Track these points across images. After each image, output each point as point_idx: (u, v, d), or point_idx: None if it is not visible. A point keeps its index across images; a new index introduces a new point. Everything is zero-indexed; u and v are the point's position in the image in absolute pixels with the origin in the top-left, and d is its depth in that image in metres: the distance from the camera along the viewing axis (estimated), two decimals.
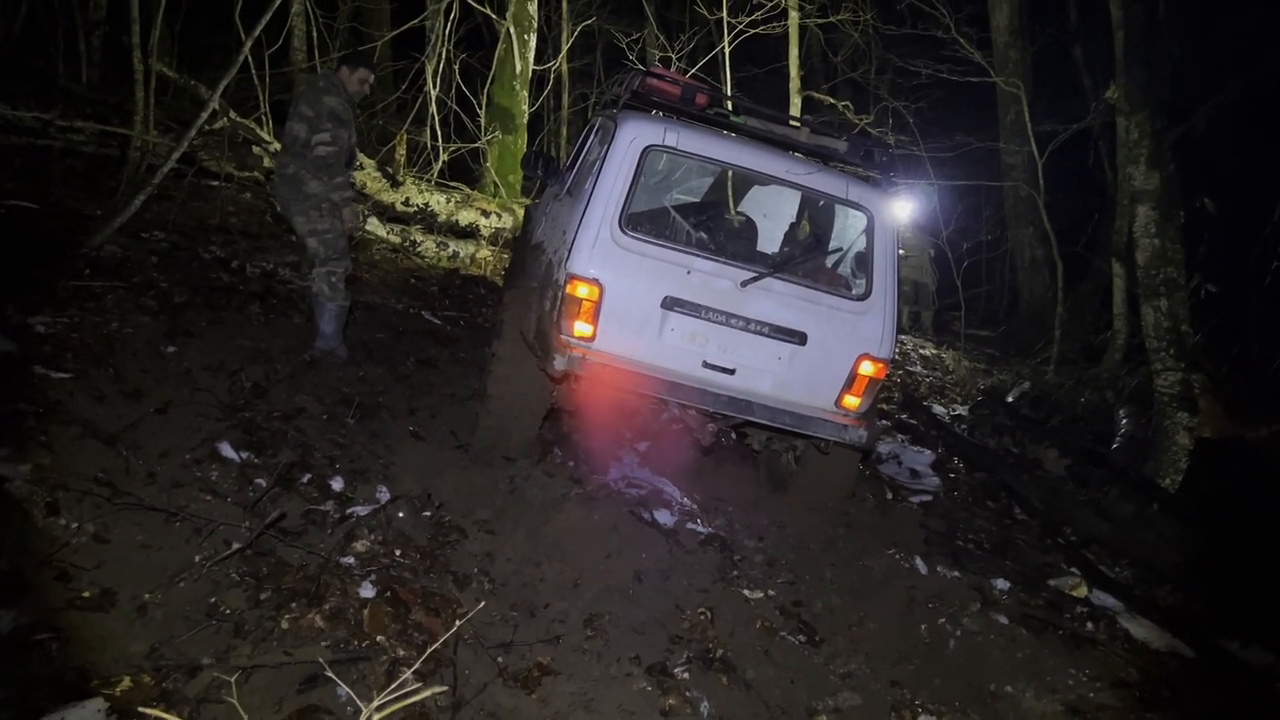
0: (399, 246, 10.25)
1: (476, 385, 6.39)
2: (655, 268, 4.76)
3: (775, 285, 4.92)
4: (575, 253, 4.69)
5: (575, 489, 4.90)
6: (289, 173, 5.78)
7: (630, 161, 4.79)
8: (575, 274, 4.66)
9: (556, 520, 4.46)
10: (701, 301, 4.81)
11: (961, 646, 4.22)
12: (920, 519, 5.87)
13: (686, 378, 4.83)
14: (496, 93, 14.00)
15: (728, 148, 5.13)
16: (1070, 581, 5.25)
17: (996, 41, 13.88)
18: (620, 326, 4.76)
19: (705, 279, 4.82)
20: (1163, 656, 4.58)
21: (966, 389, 10.38)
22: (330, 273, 5.93)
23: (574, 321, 4.70)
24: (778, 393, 4.99)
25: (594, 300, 4.67)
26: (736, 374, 4.94)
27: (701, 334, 4.86)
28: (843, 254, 5.64)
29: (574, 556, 4.19)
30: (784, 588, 4.60)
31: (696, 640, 3.88)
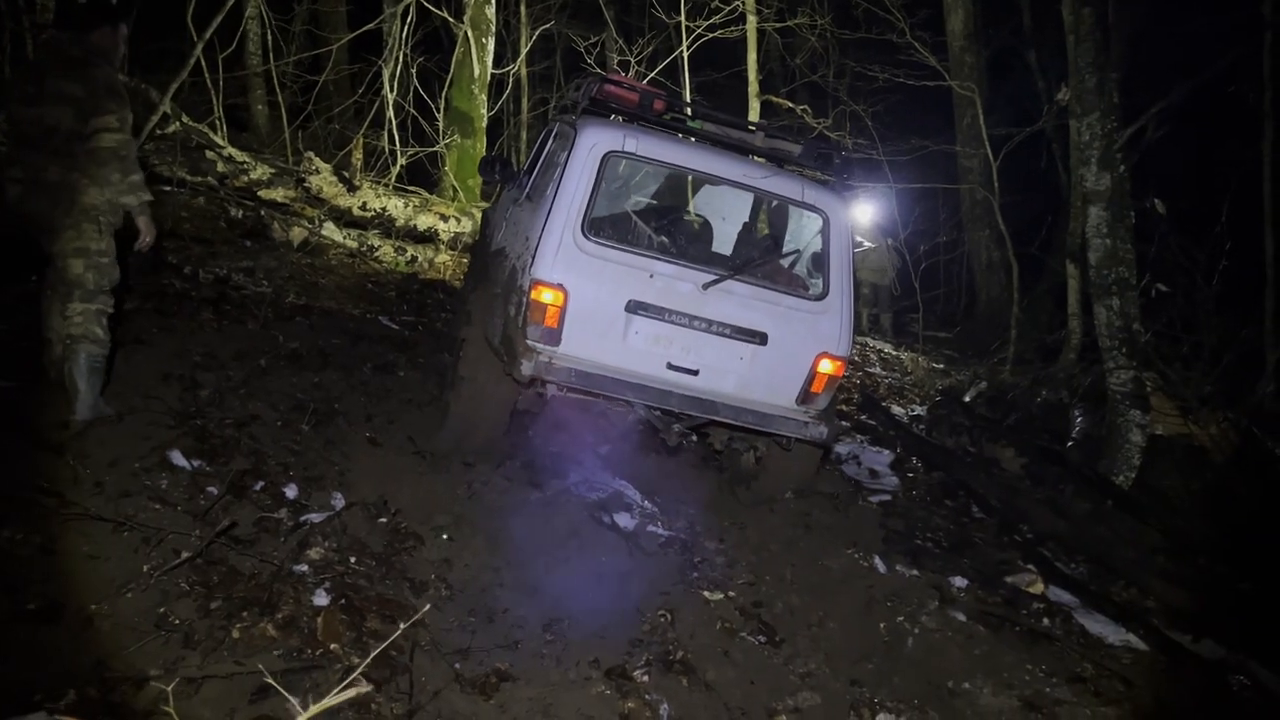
0: (356, 251, 10.15)
1: (435, 390, 6.35)
2: (618, 272, 4.83)
3: (736, 287, 5.01)
4: (539, 258, 4.74)
5: (535, 493, 4.89)
6: (50, 178, 4.16)
7: (591, 167, 4.85)
8: (539, 279, 4.72)
9: (515, 525, 4.44)
10: (664, 304, 4.89)
11: (920, 644, 4.24)
12: (879, 518, 5.91)
13: (651, 380, 4.91)
14: (455, 96, 13.92)
15: (686, 152, 5.23)
16: (1027, 578, 5.31)
17: (952, 46, 14.04)
18: (585, 331, 4.82)
19: (667, 282, 4.90)
20: (1117, 651, 4.63)
21: (925, 389, 10.47)
22: (102, 311, 4.35)
23: (539, 326, 4.75)
24: (740, 392, 5.09)
25: (558, 305, 4.73)
26: (700, 375, 5.02)
27: (665, 336, 4.94)
28: (800, 255, 5.73)
29: (533, 561, 4.17)
30: (744, 588, 4.61)
31: (656, 643, 3.87)
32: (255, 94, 15.63)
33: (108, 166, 4.19)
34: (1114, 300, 7.30)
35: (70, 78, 4.16)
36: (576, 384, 4.76)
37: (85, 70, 4.18)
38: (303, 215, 10.29)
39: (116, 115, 4.20)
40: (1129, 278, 7.38)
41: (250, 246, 9.07)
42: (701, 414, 5.02)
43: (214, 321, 6.27)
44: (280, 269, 8.57)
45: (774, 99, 13.78)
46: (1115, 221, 7.30)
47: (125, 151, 4.25)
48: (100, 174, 4.19)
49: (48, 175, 4.16)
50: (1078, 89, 7.42)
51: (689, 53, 13.35)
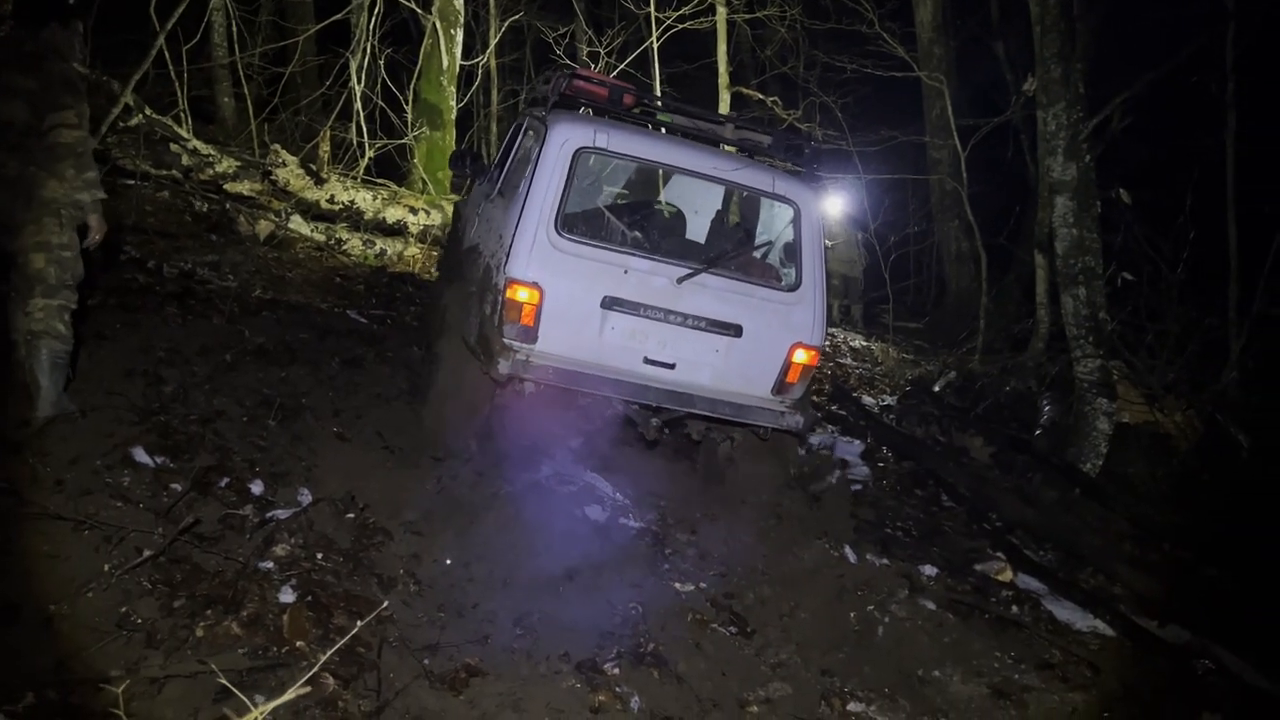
0: (324, 245, 10.05)
1: (404, 384, 6.30)
2: (593, 269, 4.87)
3: (710, 280, 5.06)
4: (514, 257, 4.76)
5: (505, 487, 4.85)
6: (8, 174, 4.08)
7: (563, 164, 4.87)
8: (515, 278, 4.74)
9: (486, 520, 4.41)
10: (640, 299, 4.94)
11: (890, 633, 4.26)
12: (850, 508, 5.93)
13: (629, 374, 4.97)
14: (423, 88, 13.82)
15: (657, 146, 5.27)
16: (996, 566, 5.35)
17: (921, 37, 14.09)
18: (561, 328, 4.85)
19: (642, 277, 4.95)
20: (1084, 637, 4.68)
21: (895, 380, 10.53)
22: (64, 307, 4.22)
23: (515, 325, 4.77)
24: (717, 384, 5.15)
25: (534, 303, 4.76)
26: (677, 368, 5.08)
27: (641, 331, 4.99)
28: (772, 246, 5.76)
29: (503, 555, 4.15)
30: (716, 580, 4.61)
31: (628, 635, 3.86)
32: (221, 86, 15.44)
33: (63, 162, 4.12)
34: (1080, 289, 7.37)
35: (25, 73, 4.10)
36: (554, 381, 4.81)
37: (40, 65, 4.13)
38: (269, 209, 10.18)
39: (74, 110, 4.14)
40: (1095, 267, 7.45)
41: (216, 240, 8.96)
42: (679, 407, 5.08)
43: (178, 317, 6.19)
44: (246, 263, 8.47)
45: (744, 90, 13.78)
46: (1081, 211, 7.37)
47: (82, 148, 4.19)
48: (57, 169, 4.12)
49: (6, 170, 4.08)
50: (1044, 79, 7.48)
51: (659, 44, 13.32)
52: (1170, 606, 5.14)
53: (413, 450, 5.17)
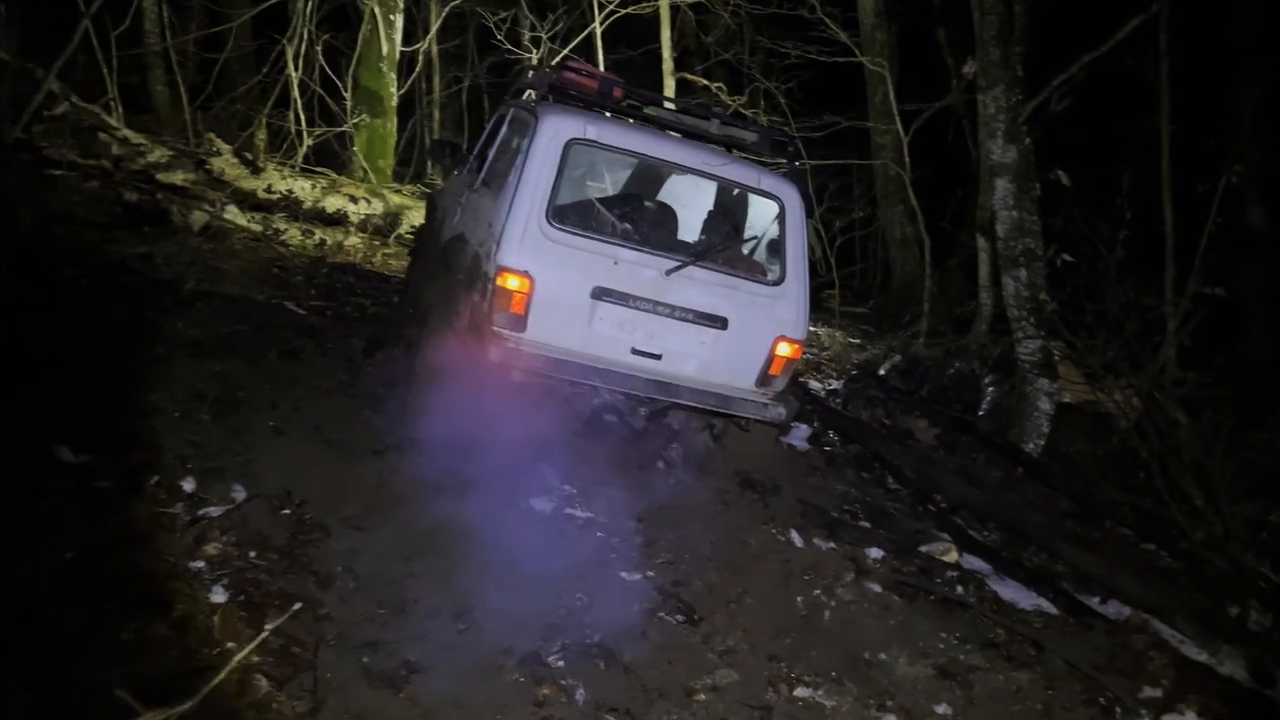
0: (261, 235, 9.82)
1: (344, 377, 6.17)
2: (583, 259, 4.94)
3: (697, 273, 5.15)
4: (504, 246, 4.80)
5: (448, 479, 4.76)
6: None
7: (554, 155, 4.92)
8: (505, 267, 4.77)
9: (428, 512, 4.33)
10: (629, 291, 5.00)
11: (837, 617, 4.26)
12: (798, 492, 5.92)
13: (616, 365, 5.04)
14: (363, 75, 13.60)
15: (646, 140, 5.34)
16: (941, 547, 5.38)
17: (864, 23, 14.12)
18: (551, 317, 4.90)
19: (631, 269, 5.01)
20: (1028, 615, 4.72)
21: (842, 364, 10.58)
22: None
23: (505, 313, 4.81)
24: (702, 375, 5.26)
25: (525, 292, 4.80)
26: (663, 359, 5.17)
27: (630, 322, 5.06)
28: (758, 242, 5.82)
29: (446, 549, 4.07)
30: (663, 568, 4.58)
31: (573, 627, 3.81)
32: (154, 74, 15.05)
33: None
34: (1021, 271, 7.45)
35: None
36: (544, 370, 4.87)
37: None
38: (204, 199, 9.93)
39: None
40: (1035, 249, 7.52)
41: (148, 232, 8.70)
42: (665, 397, 5.20)
43: (108, 310, 5.99)
44: (180, 254, 8.24)
45: (689, 76, 13.73)
46: (1021, 193, 7.43)
47: None
48: None
49: None
50: (983, 62, 7.52)
51: (603, 29, 13.21)
52: (1112, 582, 5.20)
53: (353, 443, 5.05)
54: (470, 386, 5.11)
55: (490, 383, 5.03)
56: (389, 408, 5.55)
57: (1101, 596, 5.06)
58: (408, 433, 5.06)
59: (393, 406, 5.51)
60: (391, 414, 5.46)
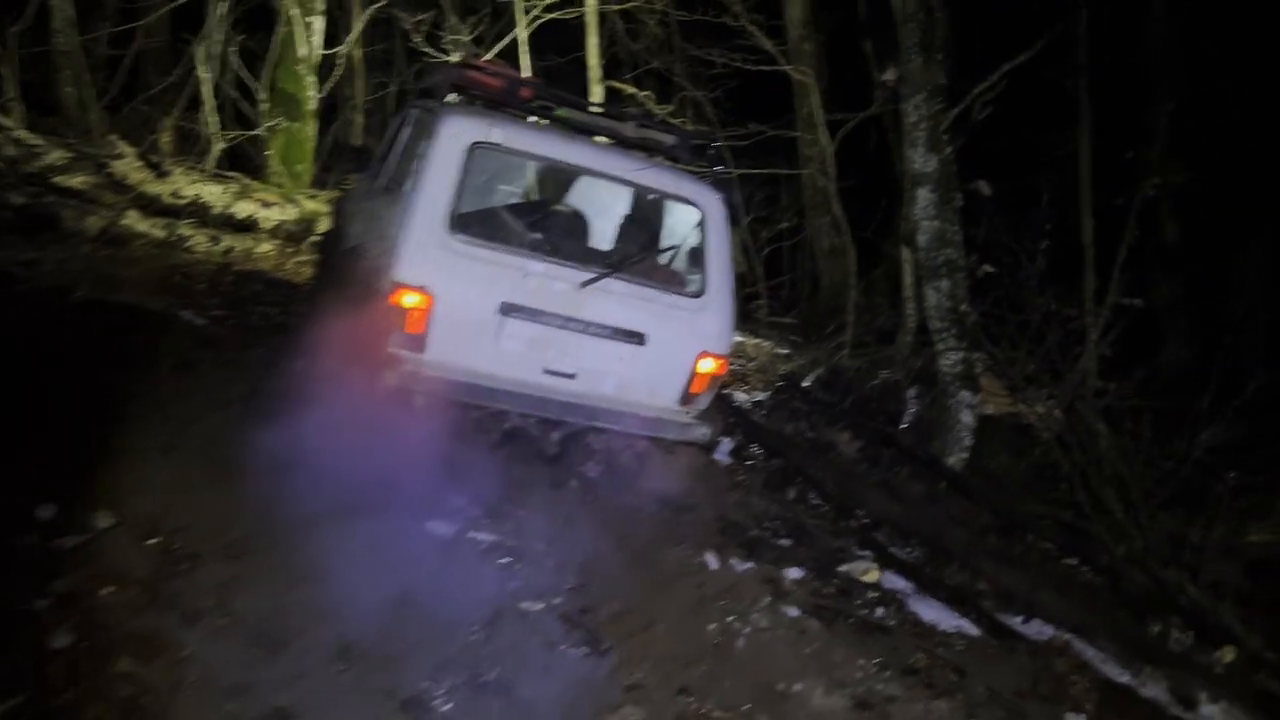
0: (164, 241, 9.36)
1: (244, 390, 5.81)
2: (489, 272, 4.59)
3: (613, 285, 4.84)
4: (400, 259, 4.44)
5: (341, 502, 4.45)
6: None
7: (455, 159, 4.57)
8: (402, 281, 4.42)
9: (316, 539, 4.01)
10: (539, 306, 4.68)
11: (751, 644, 4.06)
12: (716, 509, 5.73)
13: (527, 386, 4.73)
14: (281, 78, 13.15)
15: (557, 143, 5.02)
16: (861, 566, 5.22)
17: (791, 34, 14.07)
18: (454, 336, 4.55)
19: (542, 282, 4.68)
20: (949, 638, 4.58)
21: (768, 375, 10.44)
22: None
23: (403, 333, 4.46)
24: (620, 395, 4.96)
25: (423, 309, 4.45)
26: (578, 378, 4.86)
27: (541, 339, 4.74)
28: (677, 251, 5.57)
29: (332, 579, 3.76)
30: (570, 594, 4.33)
31: (467, 663, 3.55)
32: (64, 74, 14.38)
33: None
34: (943, 282, 7.38)
35: None
36: (446, 394, 4.53)
37: None
38: (102, 203, 9.43)
39: None
40: (957, 259, 7.46)
41: (39, 238, 8.22)
42: (581, 420, 4.92)
43: None
44: (72, 261, 7.79)
45: (616, 84, 13.55)
46: (942, 203, 7.37)
47: None
48: None
49: None
50: (905, 70, 7.46)
51: (528, 34, 12.95)
52: (1033, 601, 5.11)
53: (243, 463, 4.69)
54: (369, 407, 4.83)
55: (390, 405, 4.75)
56: (285, 426, 5.22)
57: (1024, 615, 4.96)
58: (302, 453, 4.73)
59: (289, 424, 5.18)
60: (287, 432, 5.13)
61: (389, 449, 5.02)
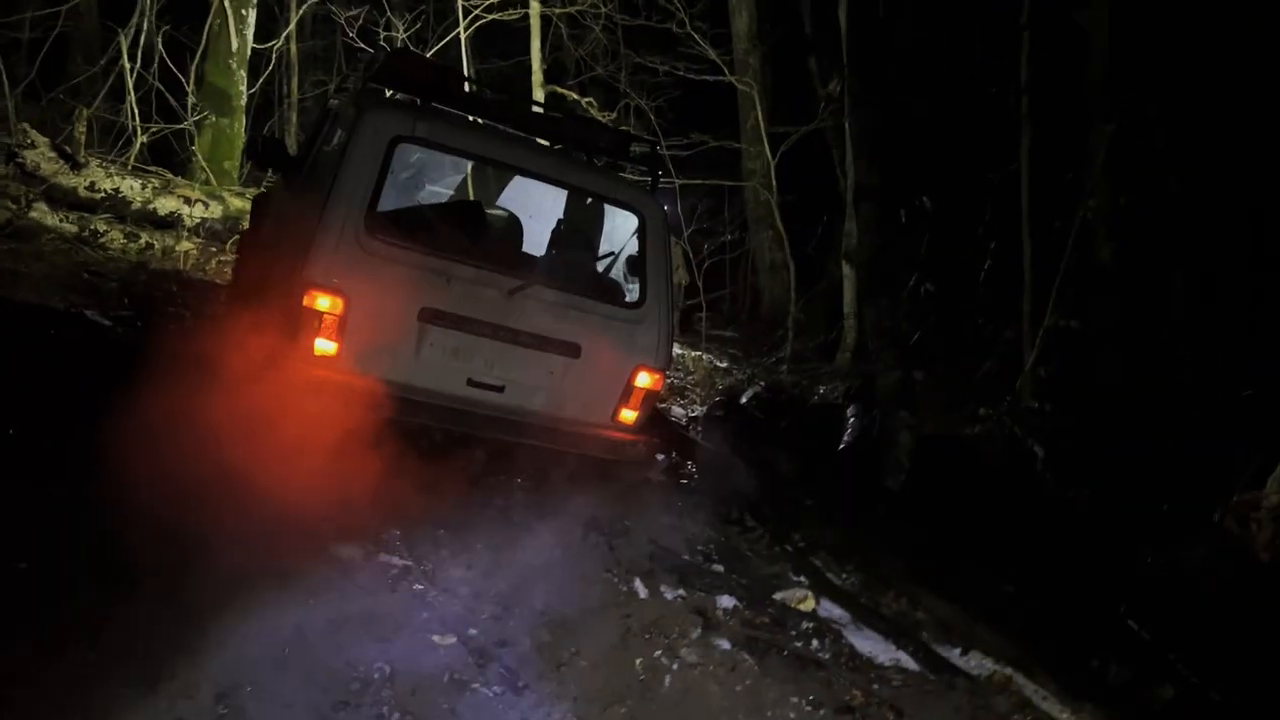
0: (75, 237, 8.90)
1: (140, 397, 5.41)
2: (409, 276, 4.30)
3: (545, 294, 4.60)
4: (313, 259, 4.15)
5: (241, 521, 4.11)
6: None
7: (376, 155, 4.27)
8: (314, 284, 4.14)
9: (203, 562, 3.67)
10: (464, 313, 4.41)
11: (679, 681, 3.79)
12: (648, 533, 5.47)
13: (450, 399, 4.47)
14: (210, 71, 12.73)
15: (487, 140, 4.77)
16: (797, 594, 5.00)
17: (736, 48, 13.99)
18: (370, 344, 4.28)
19: (467, 288, 4.41)
20: (887, 672, 4.36)
21: (706, 390, 10.26)
22: None
23: (314, 339, 4.18)
24: (551, 410, 4.72)
25: (337, 314, 4.18)
26: (506, 391, 4.60)
27: (466, 349, 4.48)
28: (615, 259, 5.39)
29: (218, 612, 3.43)
30: (488, 624, 4.04)
31: (366, 705, 3.23)
32: None
33: None
34: (883, 299, 7.25)
35: None
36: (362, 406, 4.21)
37: None
38: (8, 194, 8.92)
39: None
40: (897, 276, 7.34)
41: None
42: (508, 436, 4.64)
43: None
44: None
45: (559, 90, 13.32)
46: (884, 219, 7.25)
47: None
48: None
49: None
50: (850, 82, 7.36)
51: (469, 36, 12.65)
52: (972, 631, 4.94)
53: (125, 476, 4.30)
54: (275, 417, 4.48)
55: (299, 415, 4.41)
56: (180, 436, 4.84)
57: (962, 648, 4.76)
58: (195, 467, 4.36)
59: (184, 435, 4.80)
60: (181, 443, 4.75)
61: (295, 463, 4.69)
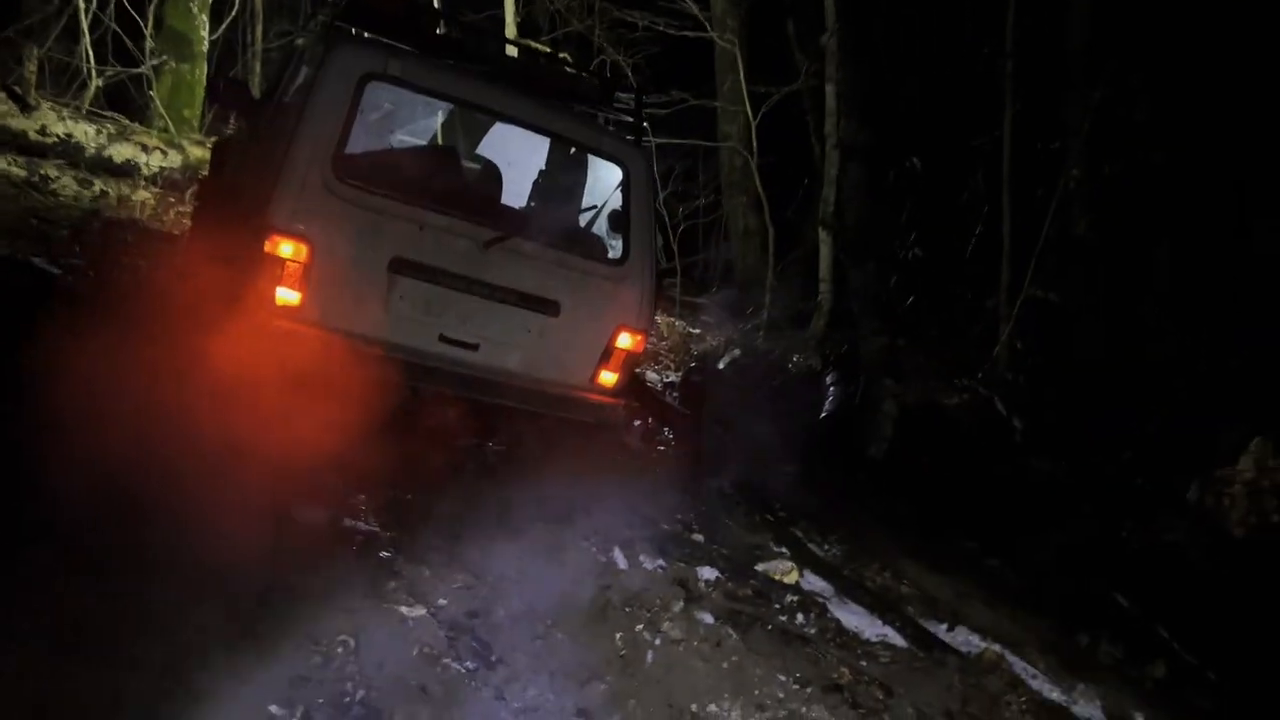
0: (24, 181, 8.48)
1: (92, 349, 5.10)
2: (379, 223, 4.07)
3: (524, 247, 4.35)
4: (277, 203, 3.91)
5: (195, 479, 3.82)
6: None
7: (345, 93, 4.02)
8: (277, 228, 3.89)
9: (150, 531, 3.38)
10: (437, 264, 4.18)
11: (661, 658, 3.60)
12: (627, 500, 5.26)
13: (420, 355, 4.25)
14: (169, 14, 12.24)
15: (464, 82, 4.46)
16: (780, 566, 4.84)
17: (715, 6, 13.62)
18: (336, 294, 4.06)
19: (441, 238, 4.17)
20: (874, 648, 4.21)
21: (680, 355, 10.05)
22: None
23: (276, 287, 3.94)
24: (527, 370, 4.50)
25: (301, 261, 3.94)
26: (480, 349, 4.38)
27: (438, 303, 4.24)
28: (598, 213, 5.14)
29: (167, 580, 3.15)
30: (459, 594, 3.83)
31: (329, 681, 3.00)
32: None
33: None
34: (869, 264, 7.07)
35: None
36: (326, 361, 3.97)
37: None
38: None
39: None
40: (885, 241, 7.14)
41: None
42: (481, 396, 4.41)
43: None
44: None
45: (533, 44, 12.93)
46: (873, 183, 7.04)
47: None
48: None
49: None
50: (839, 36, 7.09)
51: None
52: (957, 605, 4.81)
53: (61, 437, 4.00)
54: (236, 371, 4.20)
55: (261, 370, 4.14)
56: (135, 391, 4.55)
57: (949, 624, 4.62)
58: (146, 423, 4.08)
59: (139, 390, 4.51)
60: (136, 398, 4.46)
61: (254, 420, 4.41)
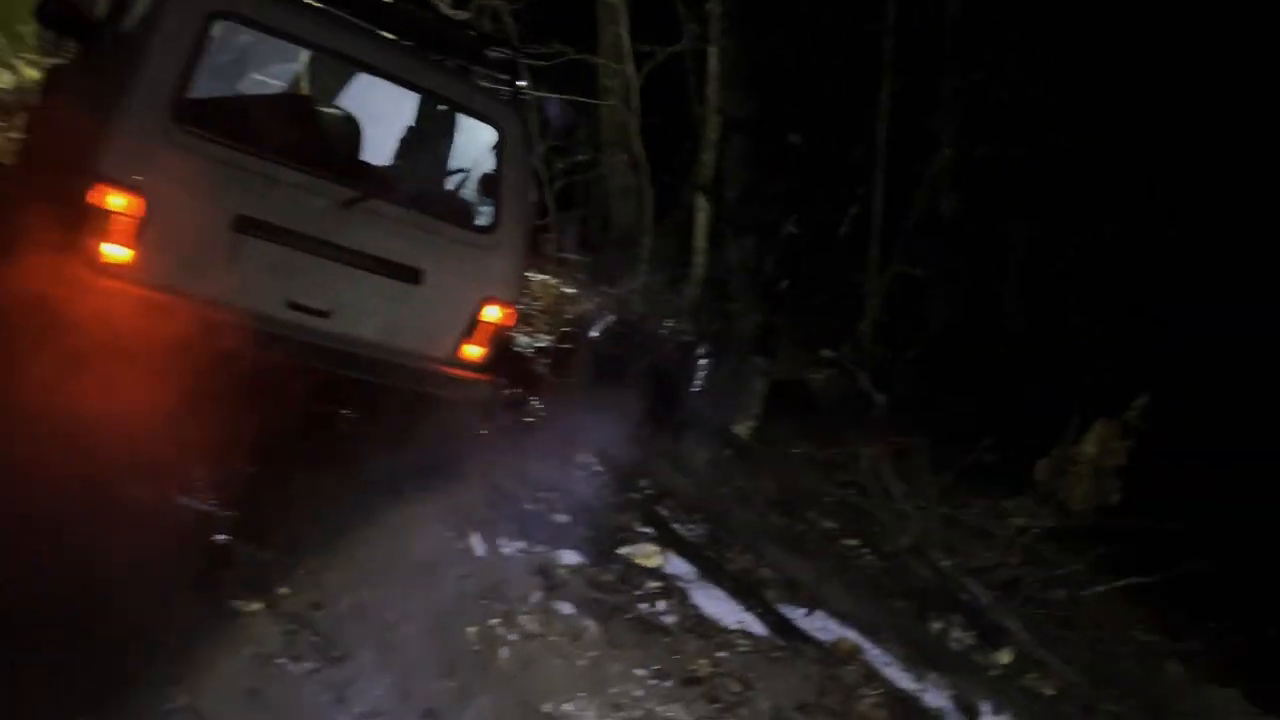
0: None
1: None
2: (224, 176, 3.72)
3: (384, 209, 4.07)
4: (107, 150, 3.53)
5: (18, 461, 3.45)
6: None
7: (189, 31, 3.63)
8: (107, 178, 3.50)
9: None
10: (287, 224, 3.86)
11: (516, 654, 3.48)
12: (488, 479, 5.08)
13: (266, 321, 3.91)
14: None
15: (323, 26, 4.09)
16: (644, 550, 4.76)
17: None
18: (173, 253, 3.70)
19: (293, 195, 3.85)
20: (733, 637, 4.17)
21: (554, 318, 9.82)
22: None
23: (103, 243, 3.56)
24: (385, 340, 4.22)
25: (133, 215, 3.56)
26: (332, 317, 4.07)
27: (287, 266, 3.93)
28: (467, 175, 4.87)
29: None
30: (303, 581, 3.61)
31: (149, 684, 2.80)
32: None
33: None
34: (748, 239, 7.00)
35: None
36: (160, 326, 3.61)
37: None
38: None
39: None
40: (763, 216, 7.10)
41: None
42: (331, 367, 4.09)
43: None
44: None
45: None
46: (754, 155, 6.97)
47: None
48: None
49: None
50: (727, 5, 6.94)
51: None
52: (816, 590, 4.83)
53: None
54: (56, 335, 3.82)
55: (85, 333, 3.77)
56: None
57: (808, 608, 4.64)
58: None
59: None
60: None
61: (80, 390, 4.03)
